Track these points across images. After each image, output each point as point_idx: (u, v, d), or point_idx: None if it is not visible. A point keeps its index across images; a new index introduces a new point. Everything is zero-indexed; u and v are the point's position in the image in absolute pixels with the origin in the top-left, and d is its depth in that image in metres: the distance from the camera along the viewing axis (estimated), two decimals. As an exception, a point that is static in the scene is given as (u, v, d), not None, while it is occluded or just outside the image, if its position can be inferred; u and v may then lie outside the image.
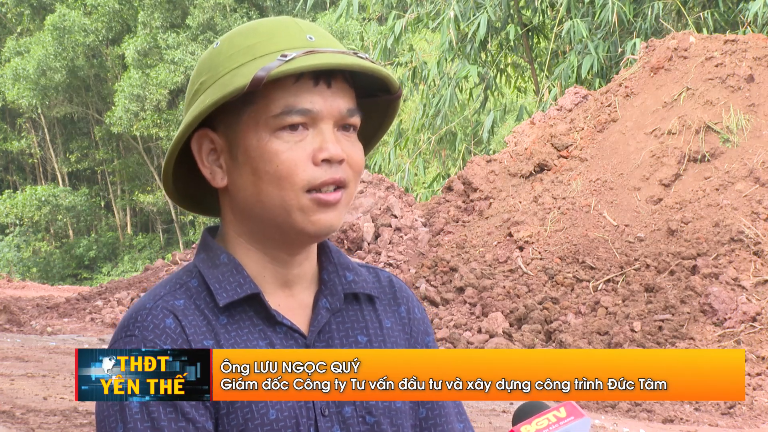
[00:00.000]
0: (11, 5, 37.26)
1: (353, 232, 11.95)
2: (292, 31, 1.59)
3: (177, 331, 1.56)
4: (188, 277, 1.63)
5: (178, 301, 1.58)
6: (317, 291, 1.67)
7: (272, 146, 1.56)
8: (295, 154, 1.56)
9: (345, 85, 1.60)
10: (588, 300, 10.10)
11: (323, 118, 1.57)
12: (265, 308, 1.61)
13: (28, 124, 38.97)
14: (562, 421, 1.59)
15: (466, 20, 17.01)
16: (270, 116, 1.57)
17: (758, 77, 11.89)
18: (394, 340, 1.70)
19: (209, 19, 33.58)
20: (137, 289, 13.32)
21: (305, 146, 1.57)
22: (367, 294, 1.70)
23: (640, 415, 7.92)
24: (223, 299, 1.59)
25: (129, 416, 1.52)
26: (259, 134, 1.57)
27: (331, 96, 1.58)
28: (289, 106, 1.56)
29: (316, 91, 1.57)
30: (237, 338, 1.58)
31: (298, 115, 1.56)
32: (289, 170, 1.56)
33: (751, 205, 10.60)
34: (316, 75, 1.57)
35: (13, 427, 6.41)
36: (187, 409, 1.53)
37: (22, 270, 34.36)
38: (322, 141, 1.57)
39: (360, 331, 1.67)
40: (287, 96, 1.56)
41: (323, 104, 1.57)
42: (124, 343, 1.55)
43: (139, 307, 1.59)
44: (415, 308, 1.76)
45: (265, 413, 1.56)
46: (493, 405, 7.83)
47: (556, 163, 12.11)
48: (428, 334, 1.76)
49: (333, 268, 1.69)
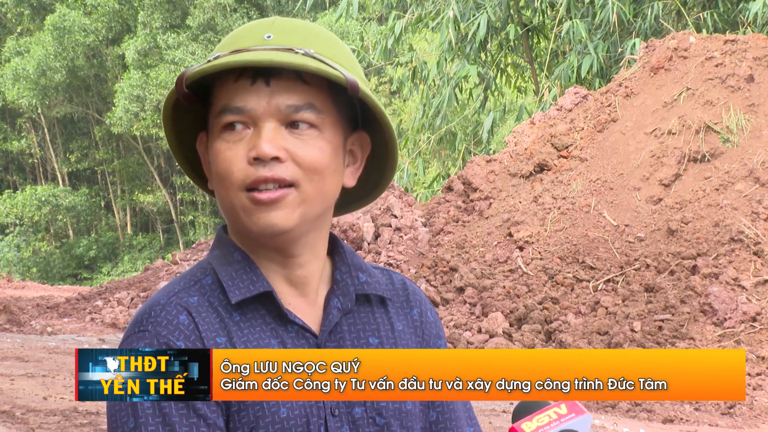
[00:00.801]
0: (11, 5, 37.26)
1: (353, 232, 11.95)
2: (253, 31, 1.60)
3: (190, 327, 1.56)
4: (202, 274, 1.63)
5: (192, 298, 1.59)
6: (329, 291, 1.67)
7: (216, 146, 1.58)
8: (232, 153, 1.57)
9: (292, 82, 1.57)
10: (588, 300, 10.10)
11: (260, 116, 1.56)
12: (277, 306, 1.61)
13: (28, 124, 38.97)
14: (563, 417, 1.58)
15: (465, 20, 17.01)
16: (213, 116, 1.59)
17: (758, 77, 11.90)
18: (405, 342, 1.70)
19: (209, 19, 33.58)
20: (137, 289, 13.32)
21: (243, 145, 1.57)
22: (379, 296, 1.70)
23: (640, 415, 7.92)
24: (236, 296, 1.59)
25: (141, 412, 1.52)
26: (212, 135, 1.60)
27: (270, 94, 1.56)
28: (225, 104, 1.57)
29: (253, 89, 1.57)
30: (249, 336, 1.59)
31: (232, 113, 1.57)
32: (226, 169, 1.56)
33: (751, 205, 10.60)
34: (254, 74, 1.56)
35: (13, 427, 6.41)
36: (198, 405, 1.53)
37: (22, 270, 34.36)
38: (255, 140, 1.56)
39: (371, 332, 1.68)
40: (225, 95, 1.58)
41: (259, 102, 1.56)
42: (137, 338, 1.56)
43: (153, 303, 1.59)
44: (427, 311, 1.76)
45: (276, 411, 1.56)
46: (493, 405, 7.84)
47: (556, 163, 12.11)
48: (440, 338, 1.76)
49: (346, 269, 1.68)
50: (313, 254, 1.65)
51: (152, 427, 1.52)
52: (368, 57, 18.55)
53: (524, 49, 18.16)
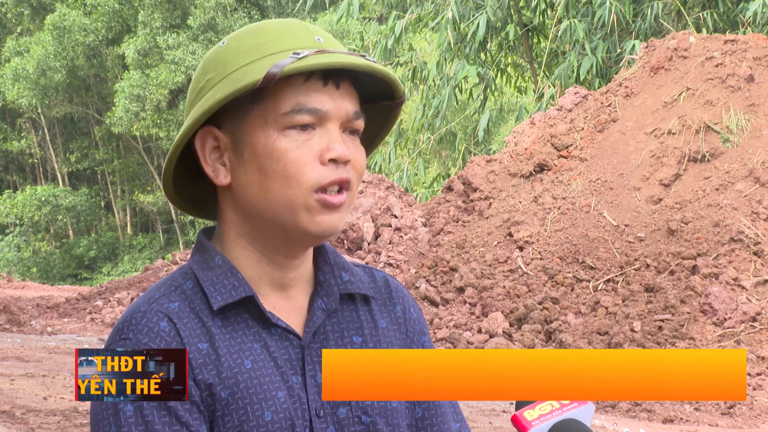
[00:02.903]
0: (11, 5, 37.26)
1: (353, 232, 11.95)
2: (300, 32, 1.60)
3: (171, 334, 1.55)
4: (183, 279, 1.62)
5: (172, 304, 1.58)
6: (313, 292, 1.67)
7: (280, 144, 1.56)
8: (303, 153, 1.56)
9: (351, 87, 1.60)
10: (588, 300, 10.10)
11: (331, 118, 1.57)
12: (259, 311, 1.61)
13: (28, 124, 38.97)
14: (565, 407, 1.58)
15: (465, 21, 17.01)
16: (279, 114, 1.57)
17: (758, 77, 11.89)
18: (389, 340, 1.70)
19: (210, 19, 33.57)
20: (137, 289, 13.32)
21: (313, 146, 1.57)
22: (362, 294, 1.70)
23: (640, 415, 7.92)
24: (217, 302, 1.59)
25: (123, 419, 1.51)
26: (267, 132, 1.57)
27: (339, 97, 1.58)
28: (299, 104, 1.56)
29: (325, 91, 1.57)
30: (232, 340, 1.58)
31: (308, 114, 1.56)
32: (297, 169, 1.56)
33: (751, 205, 10.60)
34: (325, 75, 1.57)
35: (13, 427, 6.41)
36: (181, 412, 1.52)
37: (22, 270, 34.36)
38: (329, 141, 1.57)
39: (355, 331, 1.67)
40: (297, 95, 1.57)
41: (331, 105, 1.57)
42: (118, 346, 1.55)
43: (133, 311, 1.58)
44: (410, 308, 1.76)
45: (260, 415, 1.55)
46: (493, 405, 7.83)
47: (556, 163, 12.11)
48: (424, 334, 1.76)
49: (329, 269, 1.68)
50: (307, 255, 1.66)
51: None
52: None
53: (524, 49, 18.16)
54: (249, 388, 1.55)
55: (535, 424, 1.57)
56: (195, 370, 1.54)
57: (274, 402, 1.56)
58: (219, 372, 1.55)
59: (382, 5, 19.54)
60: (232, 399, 1.54)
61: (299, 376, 1.59)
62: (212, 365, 1.55)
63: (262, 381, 1.56)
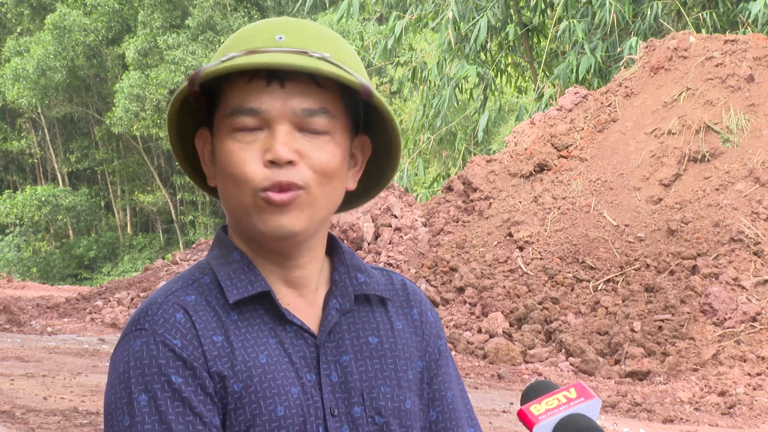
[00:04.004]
0: (11, 5, 37.27)
1: (353, 232, 11.95)
2: (262, 31, 1.60)
3: (187, 326, 1.56)
4: (201, 274, 1.63)
5: (189, 297, 1.59)
6: (327, 291, 1.67)
7: (227, 146, 1.58)
8: (246, 154, 1.56)
9: (307, 86, 1.57)
10: (588, 300, 10.10)
11: (275, 118, 1.56)
12: (275, 306, 1.61)
13: (28, 124, 38.99)
14: (572, 401, 1.58)
15: (465, 21, 17.02)
16: (224, 116, 1.59)
17: (758, 77, 11.90)
18: (405, 342, 1.70)
19: (209, 19, 33.58)
20: (137, 289, 13.32)
21: (257, 146, 1.57)
22: (378, 296, 1.71)
23: (640, 415, 7.92)
24: (233, 296, 1.59)
25: (137, 409, 1.52)
26: (221, 135, 1.59)
27: (285, 96, 1.56)
28: (238, 106, 1.57)
29: (268, 91, 1.56)
30: (247, 335, 1.58)
31: (245, 115, 1.57)
32: (240, 170, 1.56)
33: (751, 205, 10.60)
34: (268, 75, 1.56)
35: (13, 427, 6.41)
36: (194, 403, 1.52)
37: (22, 270, 34.37)
38: (270, 142, 1.56)
39: (371, 331, 1.68)
40: (238, 96, 1.57)
41: (274, 104, 1.56)
42: (134, 337, 1.55)
43: (150, 302, 1.59)
44: (427, 311, 1.76)
45: (273, 409, 1.55)
46: (493, 405, 7.84)
47: (556, 163, 12.11)
48: (440, 338, 1.76)
49: (345, 270, 1.69)
50: (312, 255, 1.66)
51: (148, 425, 1.51)
52: (368, 57, 18.56)
53: (524, 49, 18.17)
54: (263, 382, 1.55)
55: (542, 419, 1.57)
56: (209, 362, 1.54)
57: (288, 397, 1.56)
58: (233, 365, 1.55)
59: (382, 5, 19.54)
60: (245, 392, 1.55)
61: (313, 374, 1.60)
62: (226, 358, 1.55)
63: (276, 376, 1.56)
